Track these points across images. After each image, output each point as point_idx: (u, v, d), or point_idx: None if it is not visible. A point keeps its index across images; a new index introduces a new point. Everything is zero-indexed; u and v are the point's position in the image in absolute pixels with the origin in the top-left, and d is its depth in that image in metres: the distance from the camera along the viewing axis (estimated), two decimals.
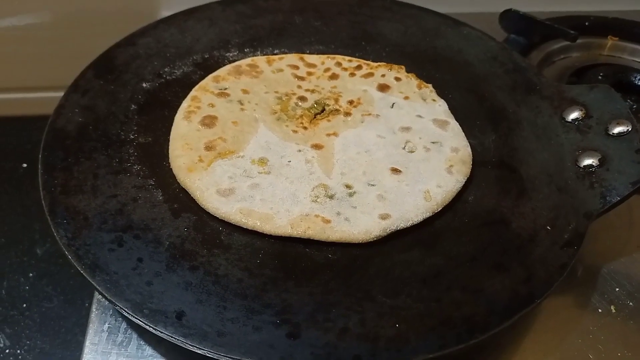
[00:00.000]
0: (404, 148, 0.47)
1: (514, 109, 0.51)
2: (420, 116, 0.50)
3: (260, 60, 0.54)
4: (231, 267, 0.39)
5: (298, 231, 0.41)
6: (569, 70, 0.64)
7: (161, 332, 0.35)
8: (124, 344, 0.40)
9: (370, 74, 0.54)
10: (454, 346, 0.35)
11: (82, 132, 0.47)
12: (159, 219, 0.41)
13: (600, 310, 0.44)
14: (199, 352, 0.34)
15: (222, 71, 0.52)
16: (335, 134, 0.48)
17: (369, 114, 0.50)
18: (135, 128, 0.48)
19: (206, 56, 0.55)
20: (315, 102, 0.51)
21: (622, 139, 0.45)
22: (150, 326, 0.35)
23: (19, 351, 0.58)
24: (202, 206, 0.42)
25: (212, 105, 0.49)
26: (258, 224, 0.41)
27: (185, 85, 0.52)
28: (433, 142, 0.48)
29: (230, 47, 0.56)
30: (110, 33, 0.55)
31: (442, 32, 0.59)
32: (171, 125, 0.48)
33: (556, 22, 0.65)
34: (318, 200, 0.43)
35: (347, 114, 0.50)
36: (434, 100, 0.52)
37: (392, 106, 0.51)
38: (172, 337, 0.35)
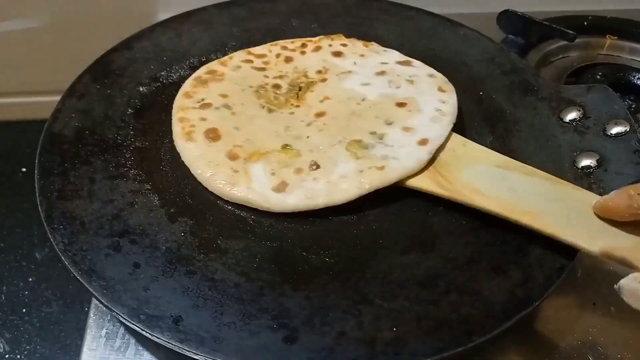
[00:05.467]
0: (390, 87, 0.50)
1: (512, 110, 0.51)
2: (384, 62, 0.53)
3: (214, 65, 0.53)
4: (228, 272, 0.39)
5: (366, 187, 0.42)
6: (567, 70, 0.64)
7: (158, 338, 0.35)
8: (122, 349, 0.40)
9: (319, 47, 0.55)
10: (452, 349, 0.35)
11: (79, 136, 0.47)
12: (156, 224, 0.41)
13: (600, 312, 0.43)
14: (195, 357, 0.34)
15: (186, 87, 0.51)
16: (327, 98, 0.50)
17: (342, 73, 0.52)
18: (131, 132, 0.48)
19: (203, 59, 0.55)
20: (290, 85, 0.52)
21: (620, 140, 0.45)
22: (146, 332, 0.35)
23: (18, 356, 0.58)
24: (268, 209, 0.42)
25: (204, 119, 0.48)
26: (329, 199, 0.42)
27: None
28: (410, 76, 0.51)
29: (227, 50, 0.56)
30: (107, 37, 0.55)
31: (439, 34, 0.59)
32: (168, 128, 0.48)
33: (554, 22, 0.65)
34: (359, 155, 0.44)
35: (323, 79, 0.52)
36: (384, 50, 0.55)
37: (355, 64, 0.53)
38: (168, 342, 0.35)
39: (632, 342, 0.42)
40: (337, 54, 0.54)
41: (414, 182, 0.43)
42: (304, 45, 0.56)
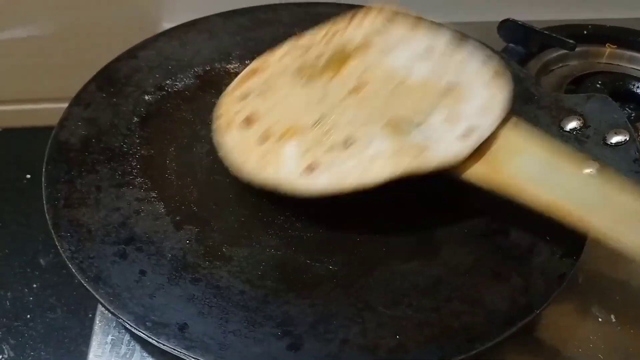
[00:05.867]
0: (436, 70, 0.45)
1: None
2: (435, 40, 0.48)
3: (259, 59, 0.51)
4: (233, 279, 0.39)
5: (400, 170, 0.39)
6: (567, 78, 0.65)
7: (164, 345, 0.35)
8: (127, 356, 0.41)
9: (365, 20, 0.50)
10: (454, 357, 0.35)
11: (85, 145, 0.47)
12: (161, 232, 0.42)
13: (600, 319, 0.44)
14: None
15: (232, 84, 0.49)
16: (366, 73, 0.46)
17: (386, 48, 0.47)
18: (137, 140, 0.48)
19: (207, 68, 0.56)
20: (330, 56, 0.48)
21: (619, 149, 0.46)
22: (153, 339, 0.35)
23: None
24: (296, 194, 0.40)
25: (241, 109, 0.46)
26: (360, 180, 0.39)
27: (186, 97, 0.53)
28: (461, 60, 0.46)
29: (231, 59, 0.57)
30: (112, 46, 0.55)
31: None
32: (173, 136, 0.49)
33: (554, 31, 0.65)
34: (394, 136, 0.41)
35: (366, 53, 0.47)
36: (437, 26, 0.49)
37: (402, 40, 0.48)
38: (174, 349, 0.35)
39: (632, 349, 0.42)
40: (385, 27, 0.49)
41: (457, 170, 0.40)
42: (351, 18, 0.51)
